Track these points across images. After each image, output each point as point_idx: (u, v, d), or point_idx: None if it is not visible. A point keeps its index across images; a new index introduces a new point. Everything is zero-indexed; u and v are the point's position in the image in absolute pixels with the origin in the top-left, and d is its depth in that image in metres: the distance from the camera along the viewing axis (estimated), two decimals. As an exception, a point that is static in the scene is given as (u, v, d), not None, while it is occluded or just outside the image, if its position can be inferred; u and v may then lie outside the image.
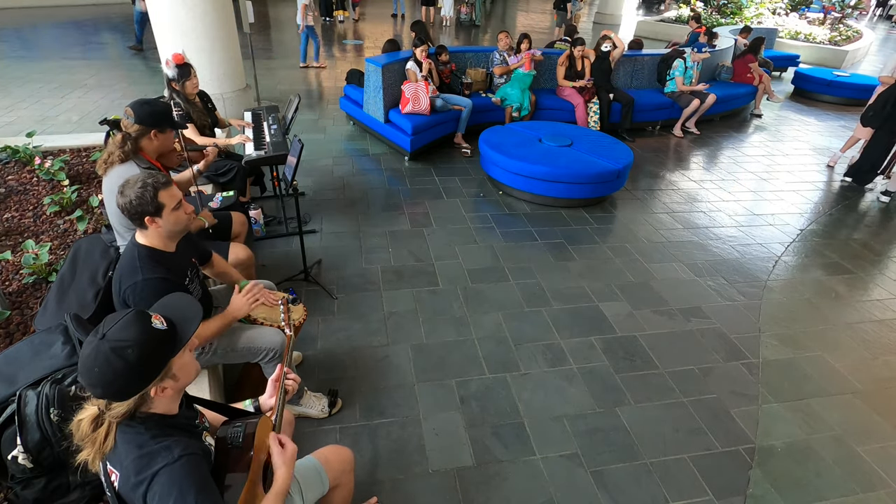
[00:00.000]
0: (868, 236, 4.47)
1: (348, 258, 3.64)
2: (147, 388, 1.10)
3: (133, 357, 1.05)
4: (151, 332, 1.10)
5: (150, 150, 2.35)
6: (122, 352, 1.05)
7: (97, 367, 1.04)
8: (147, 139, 2.30)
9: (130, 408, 1.09)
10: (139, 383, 1.08)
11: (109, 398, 1.08)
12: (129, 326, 1.08)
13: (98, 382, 1.06)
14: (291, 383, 1.48)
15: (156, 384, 1.11)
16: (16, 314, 2.40)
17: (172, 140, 2.44)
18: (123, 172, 2.18)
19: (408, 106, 5.10)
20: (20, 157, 3.84)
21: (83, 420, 1.11)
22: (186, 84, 3.33)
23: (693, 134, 6.64)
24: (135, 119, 2.26)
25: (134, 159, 2.25)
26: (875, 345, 3.16)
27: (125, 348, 1.05)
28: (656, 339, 3.07)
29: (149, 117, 2.28)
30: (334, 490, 1.64)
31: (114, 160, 2.22)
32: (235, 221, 2.91)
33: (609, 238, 4.16)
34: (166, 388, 1.13)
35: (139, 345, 1.06)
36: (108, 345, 1.05)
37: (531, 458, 2.29)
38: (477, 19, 13.77)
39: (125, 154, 2.22)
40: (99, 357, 1.04)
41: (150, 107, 2.30)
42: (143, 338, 1.08)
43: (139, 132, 2.27)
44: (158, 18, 5.15)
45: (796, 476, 2.30)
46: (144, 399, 1.11)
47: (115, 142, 2.24)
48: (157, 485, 1.06)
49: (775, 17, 12.89)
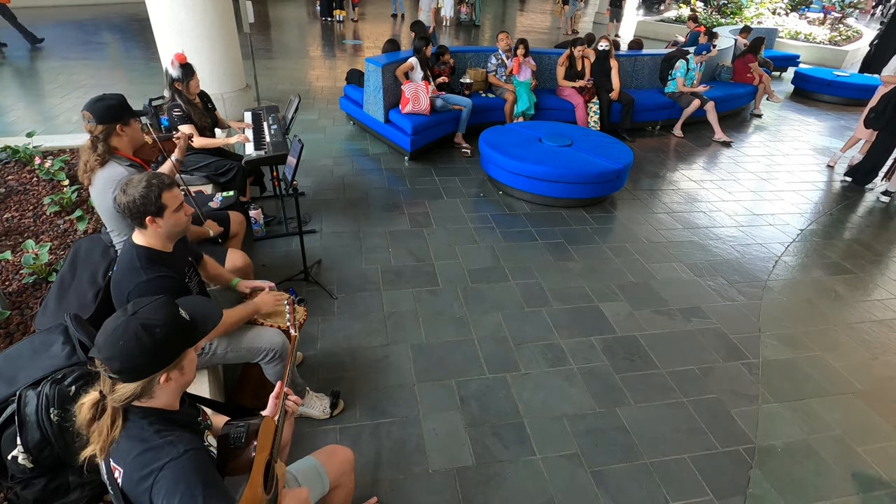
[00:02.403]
0: (868, 236, 4.48)
1: (348, 258, 3.64)
2: (159, 374, 1.12)
3: (161, 336, 1.10)
4: (179, 319, 1.16)
5: (123, 146, 2.26)
6: (151, 329, 1.09)
7: (123, 340, 1.08)
8: (115, 136, 2.21)
9: (136, 392, 1.10)
10: (156, 365, 1.12)
11: (124, 374, 1.09)
12: (162, 308, 1.14)
13: (119, 355, 1.08)
14: (293, 405, 1.47)
15: (167, 371, 1.13)
16: (16, 314, 2.40)
17: (139, 131, 2.35)
18: (108, 174, 2.16)
19: (408, 106, 5.10)
20: (20, 157, 3.84)
21: (84, 405, 1.13)
22: (190, 84, 3.33)
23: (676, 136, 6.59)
24: (96, 120, 2.17)
25: (112, 159, 2.19)
26: (875, 345, 3.16)
27: (155, 326, 1.10)
28: (656, 339, 3.07)
29: (107, 113, 2.17)
30: (334, 490, 1.64)
31: (93, 166, 2.16)
32: (234, 221, 2.90)
33: (609, 238, 4.16)
34: (172, 379, 1.15)
35: (168, 326, 1.12)
36: (138, 321, 1.10)
37: (531, 458, 2.29)
38: (477, 19, 13.77)
39: (101, 157, 2.16)
40: (128, 331, 1.08)
41: (103, 102, 2.18)
42: (172, 321, 1.13)
43: (105, 132, 2.19)
44: (158, 18, 5.14)
45: (796, 476, 2.30)
46: (151, 385, 1.12)
47: (86, 148, 2.18)
48: (162, 480, 1.06)
49: (775, 17, 12.90)
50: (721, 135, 6.44)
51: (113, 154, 2.22)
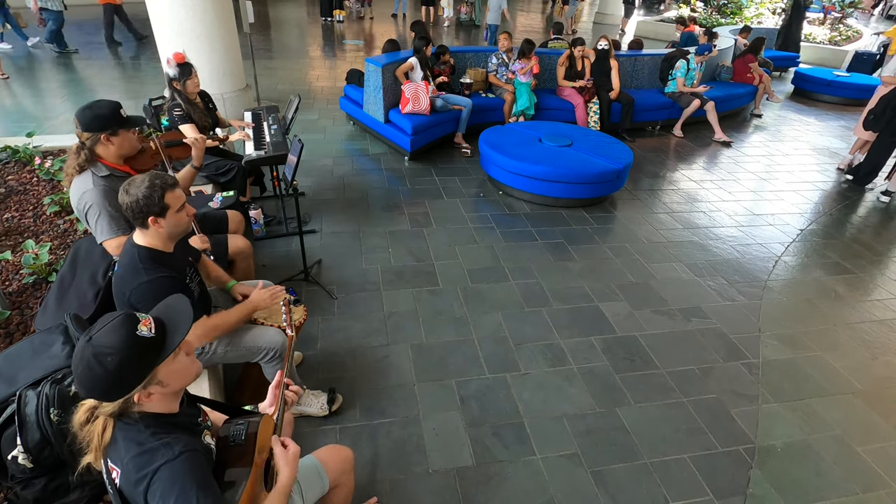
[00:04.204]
0: (868, 236, 4.47)
1: (348, 258, 3.63)
2: (130, 395, 1.08)
3: (112, 365, 1.04)
4: (133, 340, 1.07)
5: (109, 155, 2.18)
6: (102, 358, 1.04)
7: (80, 368, 1.06)
8: (101, 145, 2.14)
9: (115, 409, 1.09)
10: (120, 390, 1.07)
11: (92, 397, 1.09)
12: (113, 332, 1.07)
13: (80, 382, 1.07)
14: (292, 395, 1.47)
15: (139, 391, 1.09)
16: (16, 314, 2.40)
17: (133, 140, 2.25)
18: (79, 185, 2.11)
19: (408, 106, 5.10)
20: (20, 157, 3.84)
21: (79, 410, 1.12)
22: (187, 83, 3.32)
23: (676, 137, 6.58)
24: (81, 127, 2.12)
25: (91, 168, 2.13)
26: (875, 345, 3.16)
27: (105, 355, 1.04)
28: (656, 339, 3.07)
29: (93, 122, 2.11)
30: (334, 490, 1.64)
31: (70, 172, 2.12)
32: (231, 220, 2.90)
33: (609, 238, 4.16)
34: (152, 393, 1.11)
35: (119, 353, 1.05)
36: (91, 349, 1.05)
37: (531, 458, 2.29)
38: (477, 19, 13.77)
39: (81, 165, 2.11)
40: (83, 360, 1.05)
41: (91, 111, 2.12)
42: (123, 346, 1.05)
43: (91, 139, 2.14)
44: (158, 18, 5.14)
45: (796, 476, 2.30)
46: (128, 403, 1.10)
47: (72, 152, 2.15)
48: (158, 482, 1.06)
49: (775, 17, 12.89)
50: (721, 135, 6.43)
51: (94, 162, 2.15)
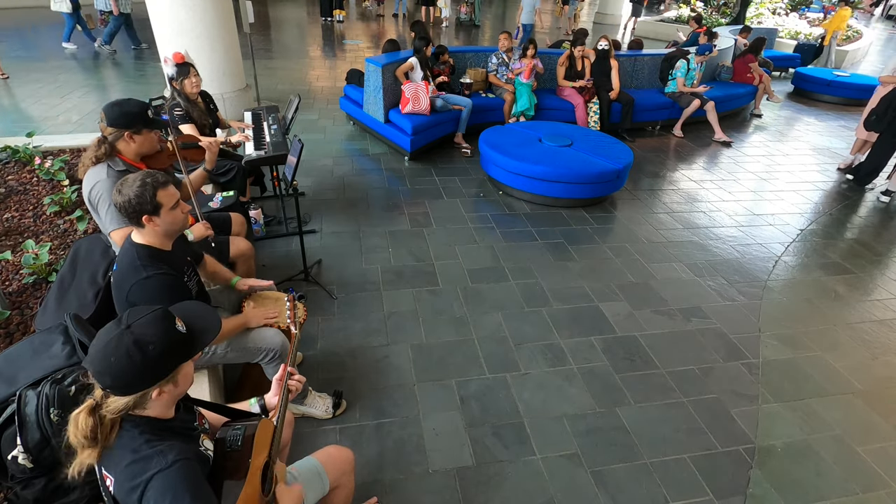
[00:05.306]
0: (868, 236, 4.47)
1: (348, 258, 3.63)
2: (151, 389, 1.09)
3: (153, 354, 1.06)
4: (174, 333, 1.11)
5: (129, 152, 2.26)
6: (144, 346, 1.06)
7: (115, 357, 1.05)
8: (123, 141, 2.22)
9: (128, 405, 1.09)
10: (148, 381, 1.09)
11: (114, 389, 1.07)
12: (156, 323, 1.10)
13: (109, 371, 1.06)
14: (295, 383, 1.48)
15: (160, 386, 1.10)
16: (16, 314, 2.40)
17: (154, 141, 2.34)
18: (93, 175, 2.17)
19: (408, 106, 5.10)
20: (20, 157, 3.84)
21: (80, 414, 1.09)
22: (185, 82, 3.32)
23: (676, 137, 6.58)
24: (107, 122, 2.19)
25: (108, 162, 2.19)
26: (875, 345, 3.16)
27: (148, 343, 1.06)
28: (656, 339, 3.07)
29: (120, 118, 2.19)
30: (335, 490, 1.64)
31: (87, 163, 2.18)
32: (234, 222, 2.91)
33: (609, 238, 4.16)
34: (164, 392, 1.12)
35: (161, 343, 1.08)
36: (131, 337, 1.06)
37: (531, 458, 2.29)
38: (477, 19, 13.77)
39: (98, 157, 2.17)
40: (120, 347, 1.05)
41: (119, 108, 2.20)
42: (166, 337, 1.09)
43: (113, 135, 2.21)
44: (158, 18, 5.14)
45: (796, 476, 2.30)
46: (144, 399, 1.10)
47: (93, 144, 2.21)
48: (151, 490, 1.05)
49: (775, 17, 12.89)
50: (721, 135, 6.43)
51: (113, 157, 2.22)
